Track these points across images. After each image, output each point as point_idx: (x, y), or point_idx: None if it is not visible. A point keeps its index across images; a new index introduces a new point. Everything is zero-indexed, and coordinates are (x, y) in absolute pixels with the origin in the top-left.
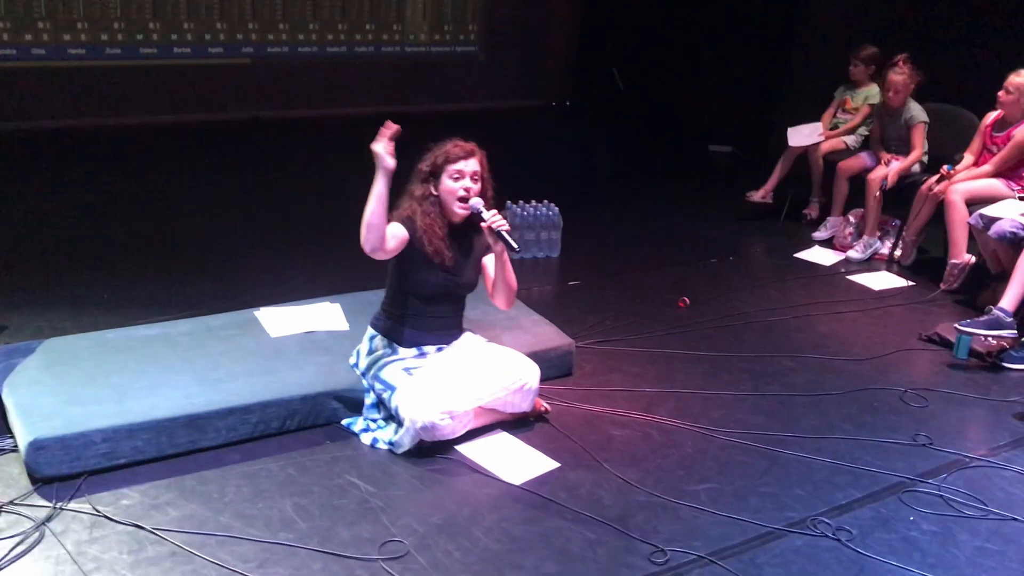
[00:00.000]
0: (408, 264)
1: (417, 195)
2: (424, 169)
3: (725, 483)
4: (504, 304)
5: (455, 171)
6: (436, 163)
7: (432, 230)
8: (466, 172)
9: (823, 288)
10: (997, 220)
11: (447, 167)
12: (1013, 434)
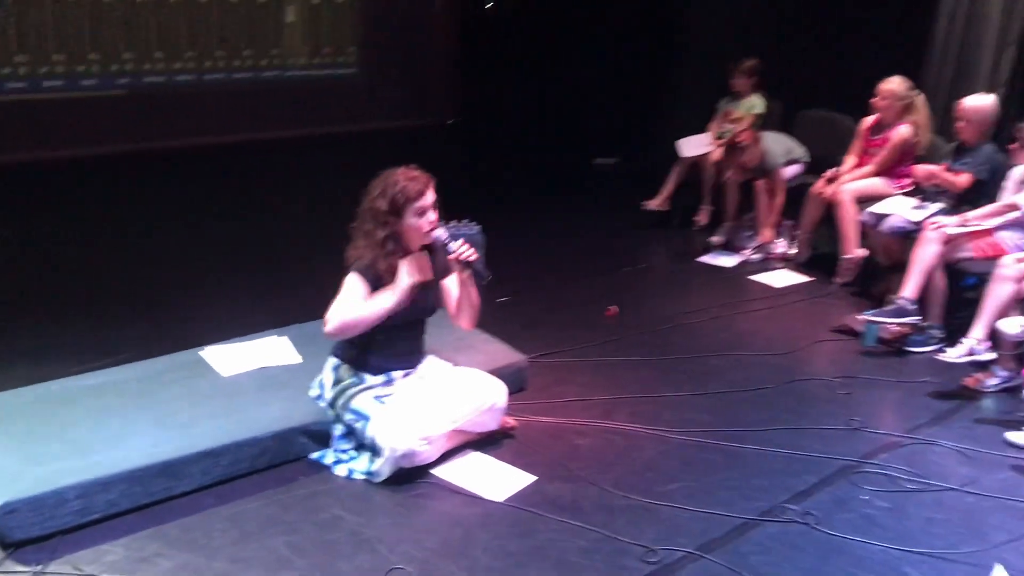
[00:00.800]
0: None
1: (379, 238)
2: (383, 209)
3: (692, 481)
4: (468, 324)
5: (418, 208)
6: (397, 202)
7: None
8: (428, 206)
9: (730, 289)
10: (888, 216)
11: (409, 205)
12: (932, 412)
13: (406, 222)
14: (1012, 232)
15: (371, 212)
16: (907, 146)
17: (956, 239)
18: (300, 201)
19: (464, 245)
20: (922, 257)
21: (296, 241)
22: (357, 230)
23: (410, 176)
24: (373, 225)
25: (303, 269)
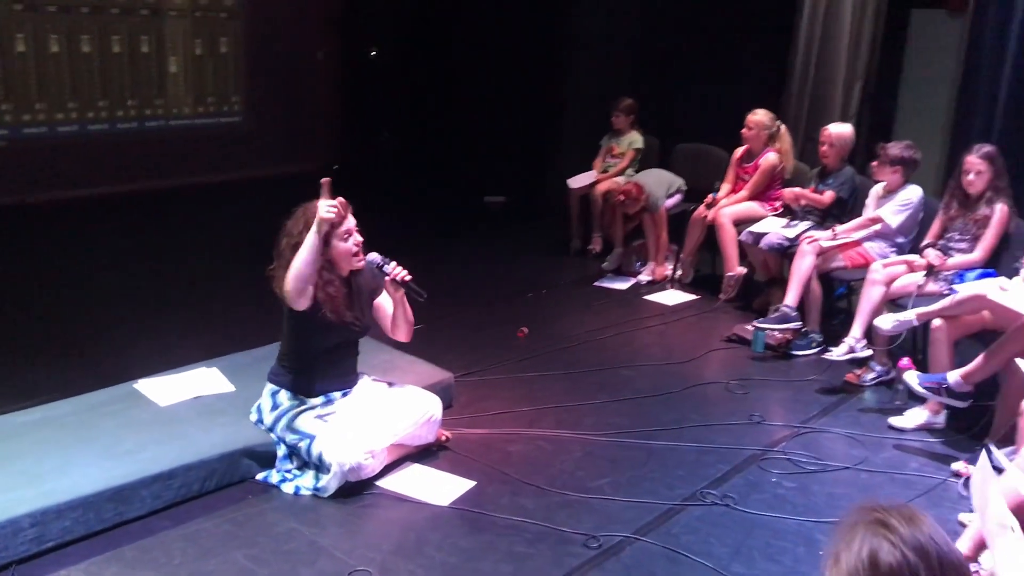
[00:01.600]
0: (309, 325)
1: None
2: None
3: (619, 475)
4: (405, 336)
5: (344, 232)
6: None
7: (334, 301)
8: (352, 229)
9: (627, 308)
10: (765, 235)
11: (335, 231)
12: (820, 405)
13: (334, 247)
14: (876, 242)
15: (296, 246)
16: (775, 171)
17: (829, 251)
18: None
19: (399, 266)
20: (800, 269)
21: (203, 282)
22: (281, 268)
23: (329, 204)
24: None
25: (220, 307)
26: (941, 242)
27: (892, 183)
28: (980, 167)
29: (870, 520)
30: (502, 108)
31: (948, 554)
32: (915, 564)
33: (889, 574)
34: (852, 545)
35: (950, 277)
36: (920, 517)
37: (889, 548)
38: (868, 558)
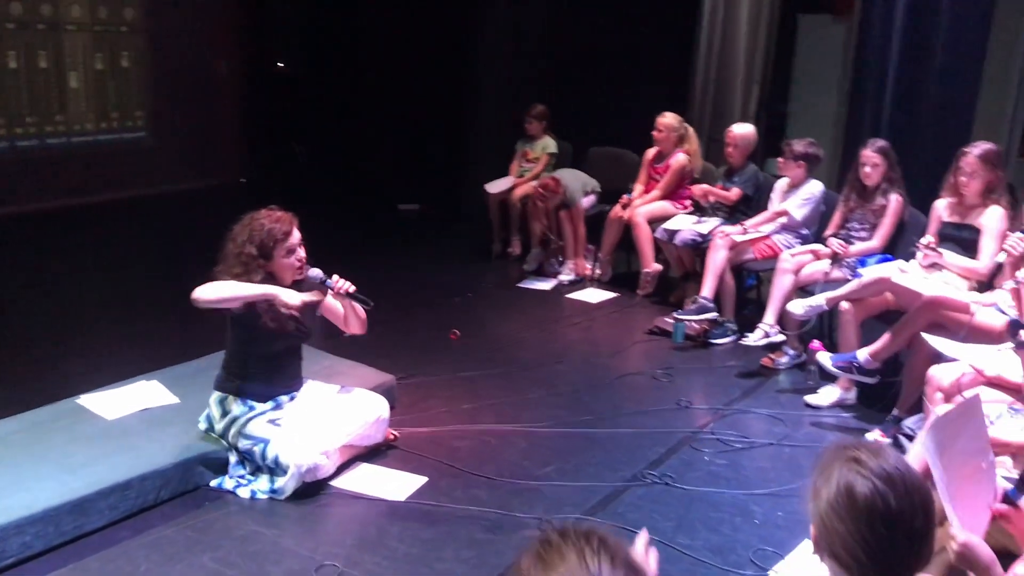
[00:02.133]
0: (254, 333)
1: (255, 281)
2: (253, 253)
3: (564, 462)
4: (360, 330)
5: (288, 247)
6: (266, 245)
7: (276, 312)
8: (296, 243)
9: (552, 307)
10: (678, 232)
11: (279, 246)
12: (741, 388)
13: (277, 262)
14: (783, 234)
15: (239, 258)
16: (685, 171)
17: (740, 245)
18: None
19: (341, 279)
20: (714, 262)
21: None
22: (223, 274)
23: (274, 217)
24: (244, 270)
25: (144, 322)
26: (843, 231)
27: (796, 178)
28: (875, 160)
29: (844, 457)
30: (412, 117)
31: (911, 479)
32: (885, 492)
33: (864, 502)
34: (830, 480)
35: (853, 263)
36: (886, 450)
37: (862, 481)
38: (845, 491)
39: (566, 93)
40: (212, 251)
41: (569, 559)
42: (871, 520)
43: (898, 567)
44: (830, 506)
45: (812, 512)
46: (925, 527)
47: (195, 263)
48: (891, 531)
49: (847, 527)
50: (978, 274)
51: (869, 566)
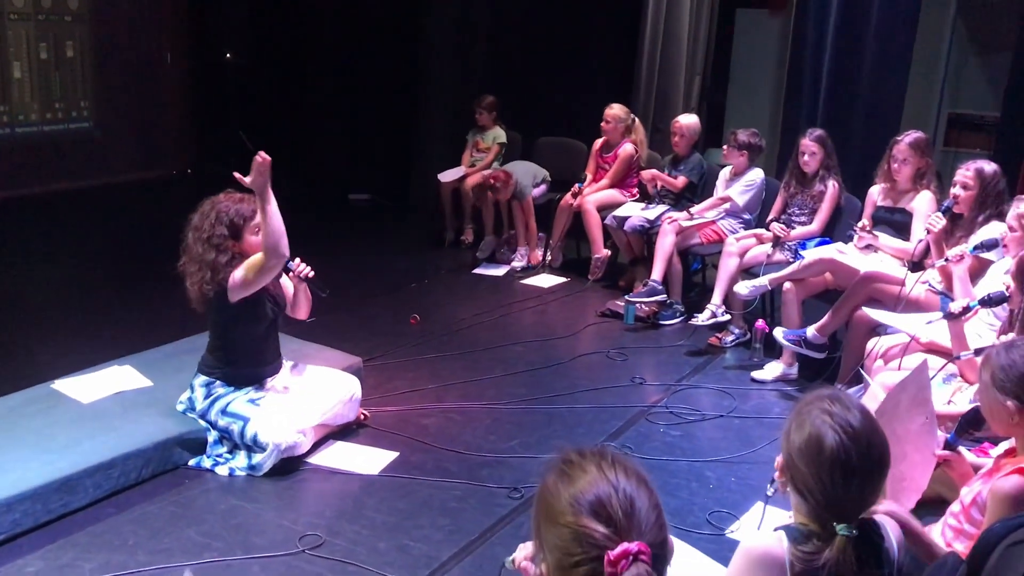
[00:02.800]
0: (240, 315)
1: (223, 262)
2: (223, 233)
3: (527, 437)
4: (304, 315)
5: (255, 226)
6: (236, 224)
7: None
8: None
9: (506, 293)
10: (628, 218)
11: (248, 224)
12: (691, 366)
13: (246, 240)
14: (728, 220)
15: (208, 241)
16: (632, 160)
17: (687, 230)
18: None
19: (303, 263)
20: (663, 246)
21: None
22: (192, 263)
23: (237, 198)
24: (215, 253)
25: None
26: (784, 216)
27: (739, 166)
28: (813, 149)
29: (820, 408)
30: (362, 106)
31: (875, 437)
32: (849, 447)
33: (829, 454)
34: (803, 426)
35: (794, 246)
36: (856, 404)
37: (832, 435)
38: (815, 440)
39: (515, 84)
40: (162, 241)
41: (590, 471)
42: (832, 470)
43: (847, 509)
44: (799, 449)
45: (783, 446)
46: (877, 480)
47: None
48: (847, 481)
49: (810, 471)
50: (909, 254)
51: (823, 504)
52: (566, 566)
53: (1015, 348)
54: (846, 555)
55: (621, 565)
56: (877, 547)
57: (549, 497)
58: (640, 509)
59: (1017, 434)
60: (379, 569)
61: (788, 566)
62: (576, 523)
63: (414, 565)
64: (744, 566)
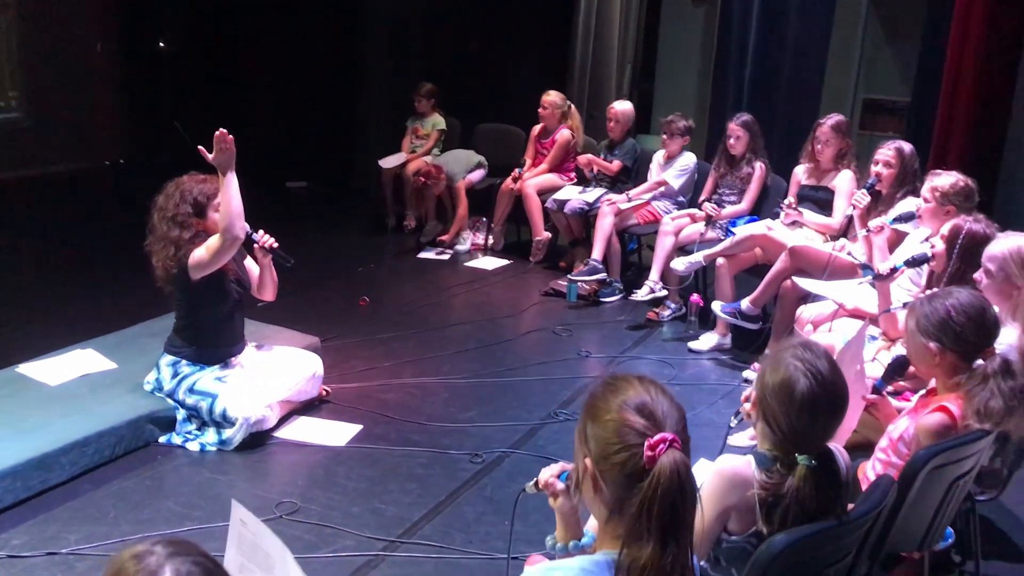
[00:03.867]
0: (202, 292)
1: (187, 238)
2: (187, 211)
3: (484, 407)
4: (270, 296)
5: (218, 204)
6: (200, 202)
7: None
8: None
9: (452, 275)
10: (567, 201)
11: (211, 203)
12: (631, 339)
13: (210, 218)
14: (662, 201)
15: (173, 219)
16: (569, 146)
17: (624, 211)
18: None
19: (266, 235)
20: (602, 227)
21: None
22: (158, 242)
23: (200, 179)
24: (179, 230)
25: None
26: (715, 196)
27: (673, 150)
28: (739, 133)
29: (793, 355)
30: (298, 94)
31: (838, 382)
32: (817, 391)
33: (799, 396)
34: (778, 369)
35: (725, 224)
36: (823, 352)
37: (804, 379)
38: (788, 383)
39: (452, 72)
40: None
41: (634, 384)
42: (800, 410)
43: (809, 443)
44: (773, 389)
45: (757, 385)
46: (837, 419)
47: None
48: (813, 420)
49: (781, 409)
50: (832, 229)
51: (789, 437)
52: (608, 454)
53: (936, 298)
54: (806, 483)
55: (659, 448)
56: (834, 472)
57: (598, 402)
58: (673, 415)
59: (937, 375)
60: (356, 531)
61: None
62: (621, 417)
63: (388, 525)
64: (717, 483)
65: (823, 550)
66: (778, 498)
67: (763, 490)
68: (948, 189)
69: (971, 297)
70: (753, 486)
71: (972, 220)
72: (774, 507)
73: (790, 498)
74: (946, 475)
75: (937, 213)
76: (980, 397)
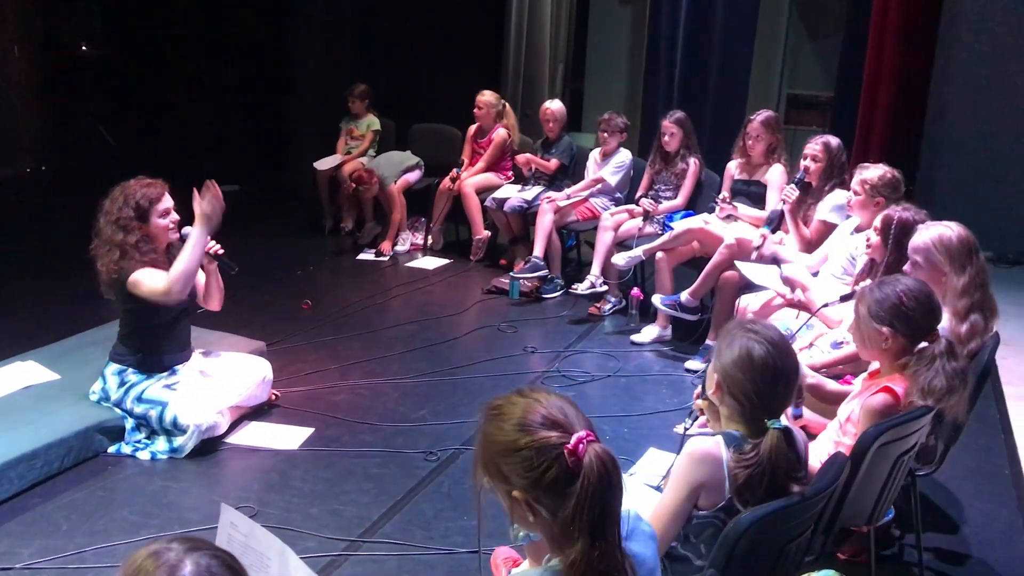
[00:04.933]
0: (144, 301)
1: (131, 242)
2: (131, 216)
3: (435, 406)
4: (216, 305)
5: (162, 210)
6: (142, 207)
7: (162, 268)
8: (170, 207)
9: (394, 276)
10: (507, 199)
11: (153, 208)
12: (576, 333)
13: (153, 223)
14: (600, 198)
15: (117, 223)
16: (506, 144)
17: (563, 208)
18: None
19: (212, 241)
20: (543, 224)
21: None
22: (103, 245)
23: (145, 183)
24: (123, 235)
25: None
26: (652, 192)
27: (609, 148)
28: (673, 130)
29: (744, 329)
30: (227, 97)
31: (788, 345)
32: (774, 353)
33: (759, 360)
34: (733, 345)
35: (662, 219)
36: (769, 324)
37: (758, 346)
38: (746, 352)
39: (385, 72)
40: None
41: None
42: (764, 373)
43: (776, 404)
44: (733, 363)
45: (715, 366)
46: (794, 380)
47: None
48: (775, 380)
49: (745, 377)
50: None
51: (757, 404)
52: (536, 478)
53: (887, 284)
54: (779, 443)
55: (580, 449)
56: (794, 440)
57: (493, 439)
58: (570, 411)
59: (884, 358)
60: (316, 532)
61: (726, 468)
62: (533, 439)
63: (348, 525)
64: (688, 463)
65: (786, 526)
66: (753, 470)
67: (740, 468)
68: (876, 181)
69: (918, 283)
70: (722, 465)
71: (902, 209)
72: (748, 481)
73: (766, 464)
74: (892, 451)
75: (867, 204)
76: (925, 376)
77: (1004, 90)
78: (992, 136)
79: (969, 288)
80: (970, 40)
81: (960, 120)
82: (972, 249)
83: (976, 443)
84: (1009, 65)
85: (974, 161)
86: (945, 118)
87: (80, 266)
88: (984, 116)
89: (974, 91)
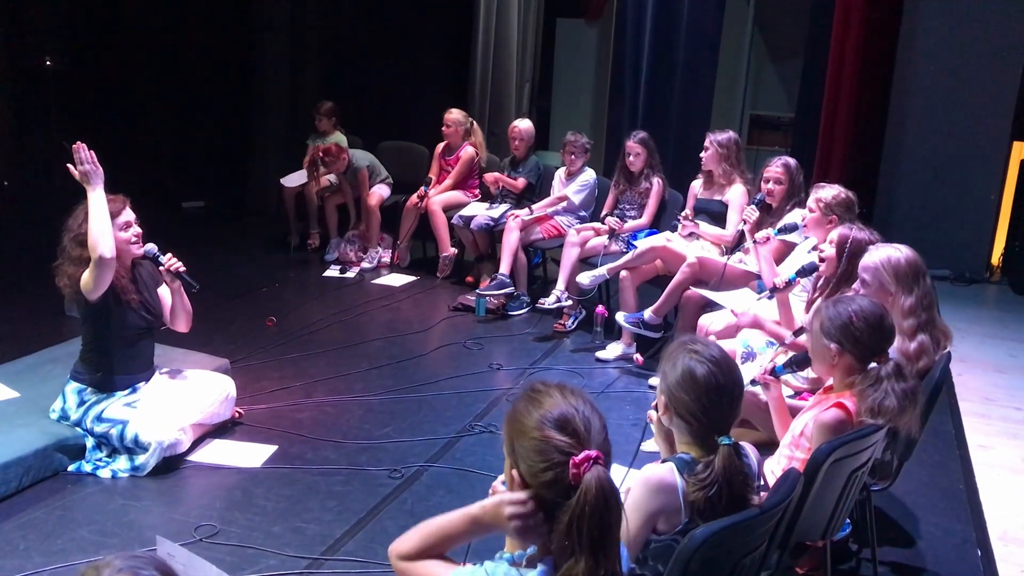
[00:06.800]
0: (108, 318)
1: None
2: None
3: (400, 423)
4: (184, 326)
5: (122, 223)
6: None
7: (124, 284)
8: (131, 220)
9: (360, 293)
10: (473, 217)
11: (114, 221)
12: (541, 350)
13: (115, 237)
14: (565, 216)
15: (77, 239)
16: (473, 162)
17: (529, 225)
18: None
19: (173, 258)
20: (509, 242)
21: None
22: (65, 262)
23: (109, 197)
24: (81, 249)
25: None
26: (616, 211)
27: (574, 168)
28: (637, 150)
29: (685, 349)
30: (192, 113)
31: (731, 362)
32: (716, 372)
33: (702, 380)
34: (676, 366)
35: (627, 238)
36: (710, 341)
37: (700, 366)
38: (688, 373)
39: (351, 90)
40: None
41: (554, 395)
42: (708, 392)
43: (722, 422)
44: (677, 383)
45: (661, 387)
46: (739, 396)
47: None
48: (719, 398)
49: (690, 397)
50: (726, 240)
51: (705, 423)
52: (535, 472)
53: (841, 303)
54: (731, 458)
55: (584, 467)
56: (745, 455)
57: (520, 417)
58: (595, 426)
59: (835, 374)
60: (278, 550)
61: (681, 494)
62: (543, 436)
63: (311, 543)
64: (644, 492)
65: (739, 541)
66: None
67: (696, 491)
68: (831, 200)
69: (873, 305)
70: (677, 491)
71: (857, 229)
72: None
73: (721, 480)
74: (845, 467)
75: (821, 222)
76: (873, 397)
77: (960, 115)
78: (949, 159)
79: (916, 308)
80: (927, 65)
81: (917, 143)
82: (919, 272)
83: (931, 458)
84: (964, 90)
85: (931, 183)
86: (903, 141)
87: (42, 282)
88: (940, 140)
89: (931, 116)
